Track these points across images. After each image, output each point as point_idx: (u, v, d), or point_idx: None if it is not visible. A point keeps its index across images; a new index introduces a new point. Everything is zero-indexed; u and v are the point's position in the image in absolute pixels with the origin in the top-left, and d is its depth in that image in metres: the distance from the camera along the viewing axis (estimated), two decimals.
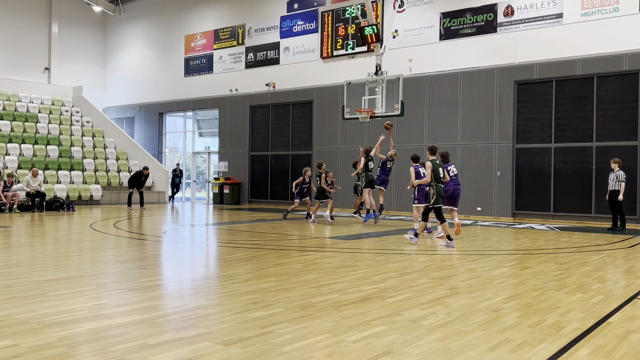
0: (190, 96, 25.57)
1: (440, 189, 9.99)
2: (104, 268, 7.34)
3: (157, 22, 27.31)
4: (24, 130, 23.07)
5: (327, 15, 21.01)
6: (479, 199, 17.53)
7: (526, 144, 16.88)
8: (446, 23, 18.32)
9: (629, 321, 4.78)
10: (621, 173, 13.24)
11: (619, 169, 13.29)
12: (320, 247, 9.76)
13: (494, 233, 12.65)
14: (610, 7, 15.52)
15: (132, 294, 5.57)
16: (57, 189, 20.04)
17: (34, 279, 6.27)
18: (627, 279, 6.88)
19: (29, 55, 26.87)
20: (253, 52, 23.33)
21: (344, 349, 3.86)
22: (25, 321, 4.43)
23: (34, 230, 12.47)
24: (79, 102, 27.06)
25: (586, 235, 12.19)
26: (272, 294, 5.60)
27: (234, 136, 23.95)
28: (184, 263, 8.16)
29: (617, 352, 3.94)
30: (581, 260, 8.43)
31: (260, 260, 7.99)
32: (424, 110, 18.67)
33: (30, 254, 8.63)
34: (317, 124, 21.31)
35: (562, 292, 5.99)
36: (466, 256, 8.84)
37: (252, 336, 4.12)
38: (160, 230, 12.64)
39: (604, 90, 15.66)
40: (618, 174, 13.23)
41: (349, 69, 19.91)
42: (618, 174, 13.23)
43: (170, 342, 3.95)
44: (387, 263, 7.89)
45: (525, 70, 16.86)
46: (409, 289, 5.98)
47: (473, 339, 4.17)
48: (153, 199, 23.44)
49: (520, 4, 16.93)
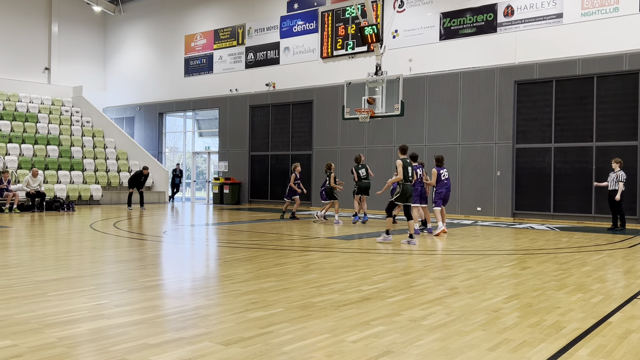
0: (190, 96, 25.58)
1: (407, 188, 10.28)
2: (104, 268, 7.34)
3: (157, 22, 27.31)
4: (24, 130, 23.08)
5: (327, 15, 21.02)
6: (479, 199, 17.53)
7: (526, 144, 16.88)
8: (446, 23, 18.32)
9: (629, 321, 4.78)
10: (622, 173, 13.23)
11: (619, 169, 13.29)
12: (320, 247, 9.76)
13: (494, 233, 12.65)
14: (610, 7, 15.52)
15: (132, 294, 5.57)
16: (57, 189, 20.04)
17: (34, 279, 6.27)
18: (627, 279, 6.88)
19: (29, 55, 26.87)
20: (253, 52, 23.34)
21: (344, 349, 3.86)
22: (25, 321, 4.43)
23: (34, 230, 12.47)
24: (79, 102, 27.06)
25: (586, 235, 12.19)
26: (272, 294, 5.60)
27: (234, 136, 23.95)
28: (184, 263, 8.16)
29: (617, 352, 3.94)
30: (581, 260, 8.43)
31: (260, 260, 7.99)
32: (424, 110, 18.67)
33: (30, 254, 8.63)
34: (317, 124, 21.32)
35: (562, 292, 5.99)
36: (466, 256, 8.84)
37: (252, 336, 4.12)
38: (160, 230, 12.64)
39: (604, 90, 15.66)
40: (618, 173, 13.22)
41: (349, 69, 19.91)
42: (618, 174, 13.23)
43: (170, 342, 3.95)
44: (387, 263, 7.89)
45: (525, 70, 16.86)
46: (409, 289, 5.98)
47: (473, 339, 4.17)
48: (153, 199, 23.44)
49: (520, 4, 16.94)
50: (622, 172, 13.26)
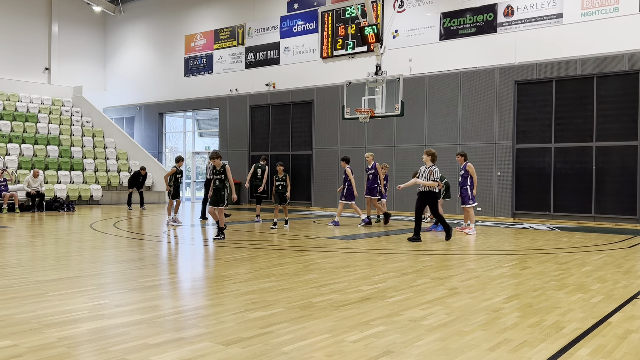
0: (190, 96, 25.58)
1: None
2: (104, 268, 7.34)
3: (157, 22, 27.31)
4: (24, 130, 23.08)
5: (327, 15, 21.02)
6: (479, 199, 17.46)
7: (526, 144, 16.88)
8: (446, 23, 18.32)
9: (629, 321, 4.78)
10: (436, 169, 10.71)
11: (432, 164, 10.76)
12: (320, 247, 9.76)
13: (494, 233, 12.65)
14: (610, 7, 15.52)
15: (132, 294, 5.57)
16: (57, 189, 20.04)
17: (34, 279, 6.27)
18: (627, 279, 6.87)
19: (29, 55, 26.88)
20: (253, 52, 23.34)
21: (344, 349, 3.86)
22: (25, 321, 4.43)
23: (34, 230, 12.47)
24: (79, 102, 27.06)
25: (586, 235, 12.19)
26: (272, 294, 5.60)
27: (234, 136, 23.95)
28: (183, 263, 8.16)
29: (617, 352, 3.94)
30: (581, 260, 8.43)
31: (260, 260, 7.99)
32: (424, 110, 18.67)
33: (30, 254, 8.63)
34: (317, 124, 21.32)
35: (562, 292, 5.99)
36: (466, 256, 8.84)
37: (252, 336, 4.12)
38: (160, 230, 12.64)
39: (604, 90, 15.65)
40: (432, 169, 10.66)
41: (349, 69, 19.92)
42: (432, 170, 10.64)
43: (170, 342, 3.95)
44: (387, 263, 7.89)
45: (525, 70, 16.86)
46: (409, 289, 5.98)
47: (473, 339, 4.17)
48: (153, 199, 23.44)
49: (520, 4, 16.93)
50: (437, 168, 10.76)
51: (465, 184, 12.17)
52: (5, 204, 16.93)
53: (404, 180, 18.91)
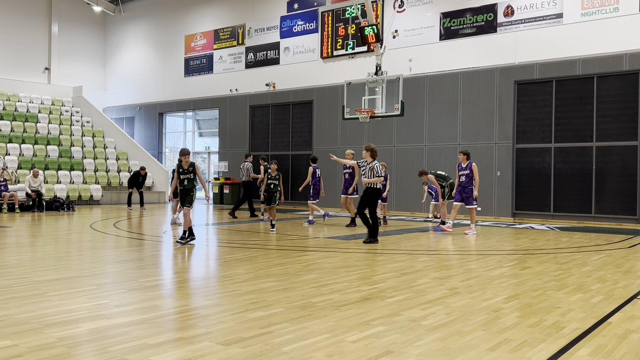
0: (190, 96, 25.58)
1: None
2: (103, 268, 7.34)
3: (157, 22, 27.31)
4: (24, 130, 23.07)
5: (327, 15, 21.02)
6: (479, 199, 17.49)
7: (526, 144, 16.88)
8: (446, 23, 18.32)
9: (629, 321, 4.78)
10: (377, 165, 10.26)
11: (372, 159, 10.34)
12: (320, 247, 9.76)
13: (494, 233, 12.65)
14: (610, 7, 15.51)
15: (132, 294, 5.57)
16: (57, 189, 20.04)
17: (34, 279, 6.27)
18: (627, 279, 6.87)
19: (29, 55, 26.88)
20: (253, 52, 23.34)
21: (344, 349, 3.86)
22: (25, 321, 4.43)
23: (34, 230, 12.47)
24: (79, 102, 27.05)
25: (586, 235, 12.19)
26: (272, 294, 5.60)
27: (234, 136, 23.95)
28: (183, 263, 8.16)
29: (617, 352, 3.94)
30: (581, 260, 8.43)
31: (260, 260, 7.99)
32: (424, 110, 18.67)
33: (30, 254, 8.63)
34: (317, 124, 21.32)
35: (562, 292, 5.99)
36: (466, 256, 8.84)
37: (252, 336, 4.12)
38: (160, 230, 12.64)
39: (604, 90, 15.65)
40: (373, 165, 10.25)
41: (349, 69, 19.91)
42: (373, 166, 10.23)
43: (170, 342, 3.95)
44: (387, 263, 7.89)
45: (525, 70, 16.86)
46: (409, 289, 5.98)
47: (473, 339, 4.17)
48: (153, 199, 23.44)
49: (520, 4, 16.93)
50: (379, 164, 10.36)
51: (470, 183, 12.16)
52: (5, 204, 16.92)
53: (404, 180, 18.96)
